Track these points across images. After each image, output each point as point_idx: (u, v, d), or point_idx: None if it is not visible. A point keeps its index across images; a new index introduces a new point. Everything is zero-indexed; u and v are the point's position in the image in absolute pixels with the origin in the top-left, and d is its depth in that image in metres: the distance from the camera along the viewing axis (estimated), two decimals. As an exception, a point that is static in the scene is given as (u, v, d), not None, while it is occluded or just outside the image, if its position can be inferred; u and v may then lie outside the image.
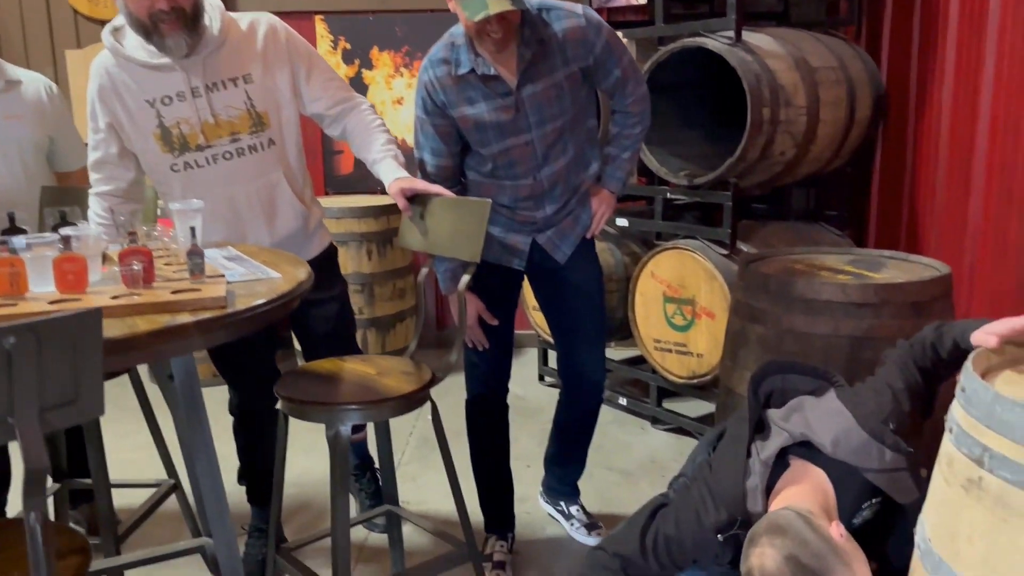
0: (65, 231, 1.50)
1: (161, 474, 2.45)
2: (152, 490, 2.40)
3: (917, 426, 1.69)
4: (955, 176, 2.83)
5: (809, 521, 1.42)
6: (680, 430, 3.56)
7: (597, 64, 2.19)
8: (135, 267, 1.37)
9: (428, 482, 3.08)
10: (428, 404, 2.02)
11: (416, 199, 2.15)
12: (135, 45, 2.06)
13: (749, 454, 1.62)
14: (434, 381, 1.97)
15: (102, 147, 2.13)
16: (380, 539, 2.61)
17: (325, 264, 2.37)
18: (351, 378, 1.96)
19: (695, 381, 3.39)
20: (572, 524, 2.75)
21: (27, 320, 0.96)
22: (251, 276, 1.56)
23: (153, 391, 2.26)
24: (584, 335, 2.52)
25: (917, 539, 1.43)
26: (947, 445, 1.37)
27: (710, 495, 1.62)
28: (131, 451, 3.12)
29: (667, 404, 3.65)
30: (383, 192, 4.49)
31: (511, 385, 2.61)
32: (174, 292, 1.37)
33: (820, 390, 1.72)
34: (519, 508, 2.76)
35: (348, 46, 4.46)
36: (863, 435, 1.60)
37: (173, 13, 1.94)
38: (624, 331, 3.75)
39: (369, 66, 4.47)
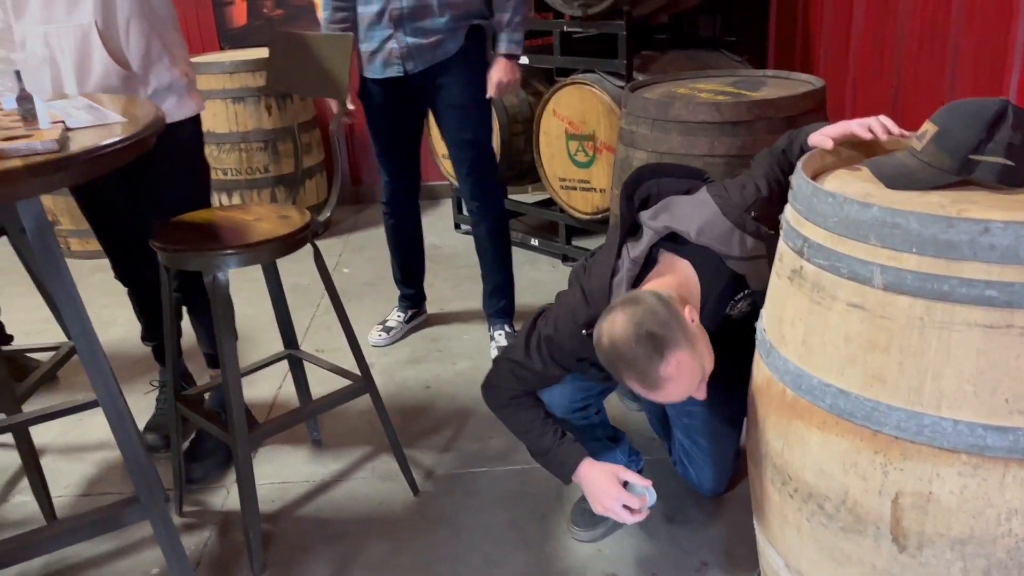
0: None
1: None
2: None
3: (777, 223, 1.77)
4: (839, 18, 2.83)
5: (662, 298, 1.51)
6: (590, 265, 3.67)
7: None
8: (-42, 117, 1.33)
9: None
10: (337, 258, 2.03)
11: (278, 38, 2.08)
12: None
13: (619, 255, 1.69)
14: (313, 223, 1.98)
15: None
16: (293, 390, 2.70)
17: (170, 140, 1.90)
18: (227, 224, 1.96)
19: (599, 216, 3.45)
20: (491, 347, 2.92)
21: None
22: (95, 122, 1.52)
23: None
24: (460, 157, 2.70)
25: (757, 332, 1.54)
26: (780, 242, 1.45)
27: (583, 294, 1.70)
28: (41, 324, 3.11)
29: (576, 242, 3.74)
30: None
31: (427, 235, 2.94)
32: (4, 139, 1.34)
33: (692, 189, 1.78)
34: (431, 346, 2.90)
35: None
36: (727, 223, 1.66)
37: None
38: (534, 174, 3.77)
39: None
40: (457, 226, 4.30)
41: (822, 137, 1.54)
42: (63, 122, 1.48)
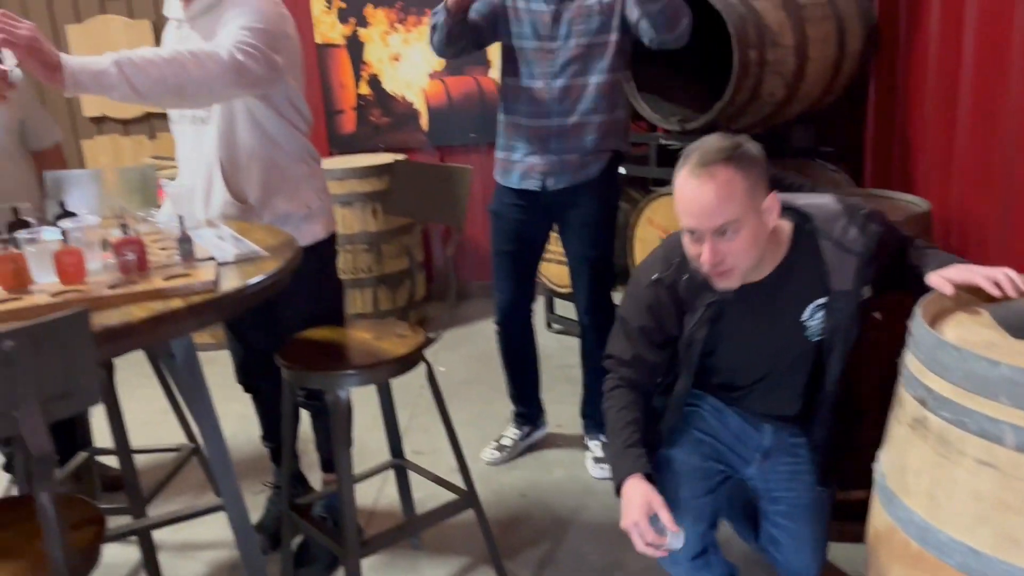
0: (64, 224, 1.60)
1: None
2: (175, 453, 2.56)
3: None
4: (942, 107, 2.83)
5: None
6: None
7: None
8: (129, 257, 1.46)
9: (440, 432, 3.18)
10: (434, 357, 2.10)
11: (401, 168, 2.22)
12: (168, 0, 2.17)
13: None
14: (428, 343, 2.07)
15: None
16: (394, 493, 2.76)
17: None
18: (349, 343, 2.07)
19: (695, 323, 3.46)
20: (585, 456, 2.93)
21: (23, 324, 1.06)
22: (240, 257, 1.65)
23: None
24: (578, 269, 2.76)
25: (875, 475, 1.52)
26: (899, 388, 1.45)
27: (655, 253, 1.78)
28: (160, 415, 3.27)
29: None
30: (387, 150, 4.56)
31: None
32: (166, 279, 1.47)
33: None
34: (525, 451, 2.99)
35: (343, 4, 4.47)
36: (838, 206, 1.68)
37: None
38: (626, 276, 3.82)
39: (364, 24, 4.49)
40: (549, 325, 4.36)
41: (942, 281, 1.53)
42: (213, 258, 1.61)
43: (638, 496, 1.62)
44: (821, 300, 1.71)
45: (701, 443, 1.92)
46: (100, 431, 2.65)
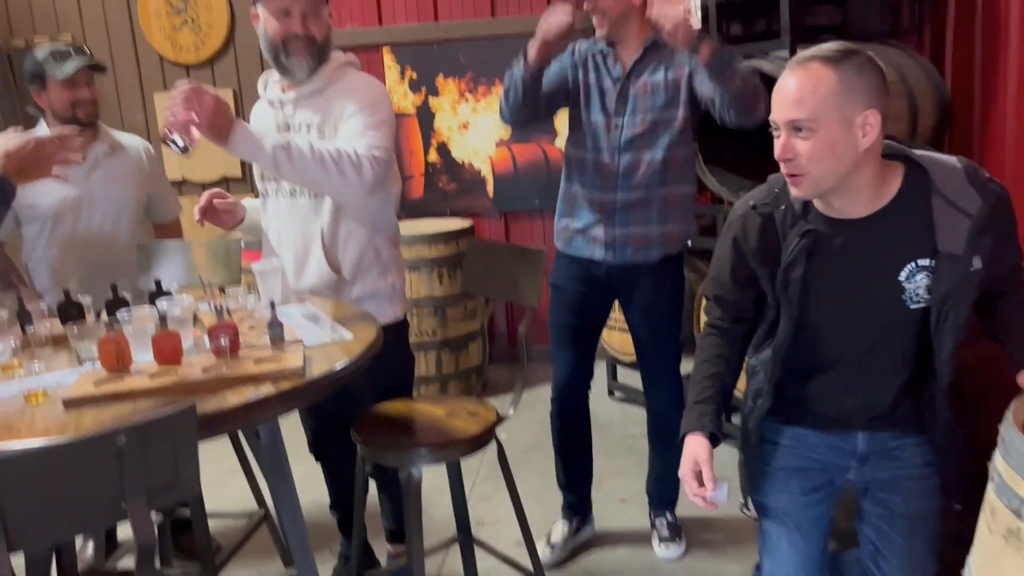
0: (161, 305, 1.68)
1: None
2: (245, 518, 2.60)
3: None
4: (1020, 187, 2.79)
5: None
6: (750, 445, 3.60)
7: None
8: (223, 343, 1.52)
9: (502, 501, 3.19)
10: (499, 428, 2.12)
11: (475, 244, 2.27)
12: (262, 82, 2.30)
13: None
14: (499, 421, 2.09)
15: None
16: (456, 565, 2.75)
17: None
18: (421, 419, 2.10)
19: (762, 397, 3.41)
20: (652, 535, 2.86)
21: (136, 421, 1.11)
22: (326, 339, 1.70)
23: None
24: (643, 349, 2.75)
25: (965, 581, 1.48)
26: (990, 494, 1.41)
27: (760, 185, 1.74)
28: (227, 475, 3.34)
29: (735, 419, 3.69)
30: (453, 215, 4.63)
31: None
32: (257, 362, 1.52)
33: None
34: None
35: (414, 75, 4.62)
36: (957, 166, 1.59)
37: (304, 39, 2.12)
38: (692, 343, 3.81)
39: (435, 93, 4.62)
40: (611, 392, 4.34)
41: (1029, 383, 1.51)
42: (301, 341, 1.66)
43: (690, 451, 1.70)
44: (924, 260, 1.61)
45: (789, 481, 1.82)
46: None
